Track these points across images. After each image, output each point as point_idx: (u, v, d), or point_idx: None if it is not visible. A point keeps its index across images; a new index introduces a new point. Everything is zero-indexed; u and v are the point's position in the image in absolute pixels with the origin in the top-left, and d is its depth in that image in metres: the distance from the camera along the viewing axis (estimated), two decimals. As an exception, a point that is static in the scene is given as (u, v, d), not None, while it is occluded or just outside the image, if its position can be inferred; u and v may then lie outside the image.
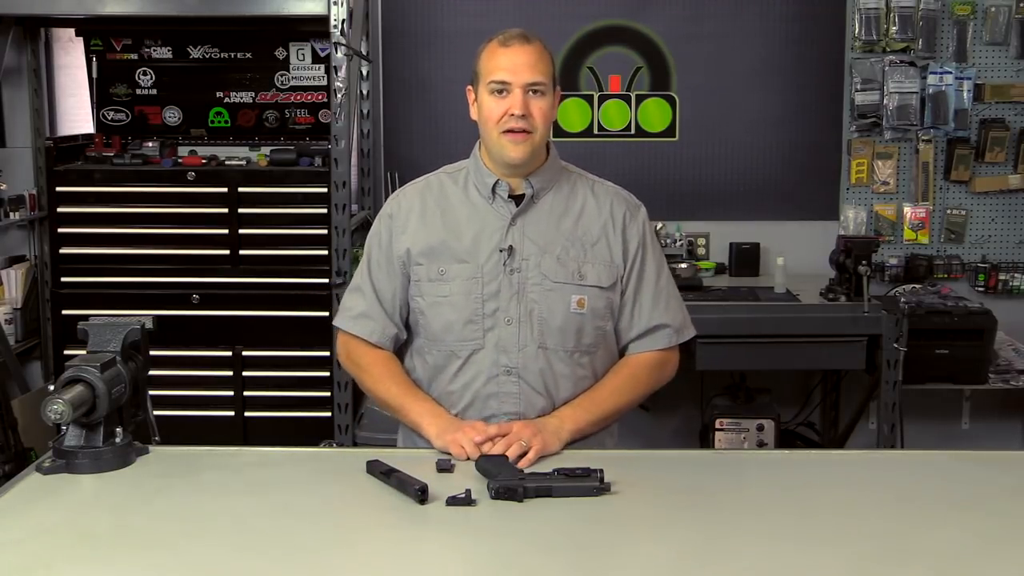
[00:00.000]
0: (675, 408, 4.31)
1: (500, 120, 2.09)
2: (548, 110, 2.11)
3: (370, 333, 2.22)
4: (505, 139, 2.09)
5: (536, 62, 2.08)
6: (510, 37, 2.10)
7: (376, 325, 2.22)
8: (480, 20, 4.18)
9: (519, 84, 2.07)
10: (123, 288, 3.82)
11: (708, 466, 2.07)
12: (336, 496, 1.86)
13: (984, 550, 1.62)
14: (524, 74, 2.07)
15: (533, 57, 2.08)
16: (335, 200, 3.68)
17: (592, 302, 2.15)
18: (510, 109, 2.07)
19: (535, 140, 2.11)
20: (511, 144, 2.09)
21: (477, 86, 2.14)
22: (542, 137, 2.13)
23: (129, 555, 1.60)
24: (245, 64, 4.18)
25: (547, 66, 2.11)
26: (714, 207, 4.35)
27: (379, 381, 2.20)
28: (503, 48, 2.09)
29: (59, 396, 1.82)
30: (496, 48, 2.10)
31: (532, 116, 2.08)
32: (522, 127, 2.08)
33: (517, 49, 2.08)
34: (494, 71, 2.08)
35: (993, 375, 3.92)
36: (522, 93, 2.07)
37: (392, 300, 2.22)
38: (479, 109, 2.14)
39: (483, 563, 1.62)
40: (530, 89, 2.08)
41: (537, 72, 2.08)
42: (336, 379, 3.70)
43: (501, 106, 2.08)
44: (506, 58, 2.08)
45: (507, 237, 2.15)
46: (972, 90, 4.23)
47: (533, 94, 2.08)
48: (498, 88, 2.08)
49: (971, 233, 4.35)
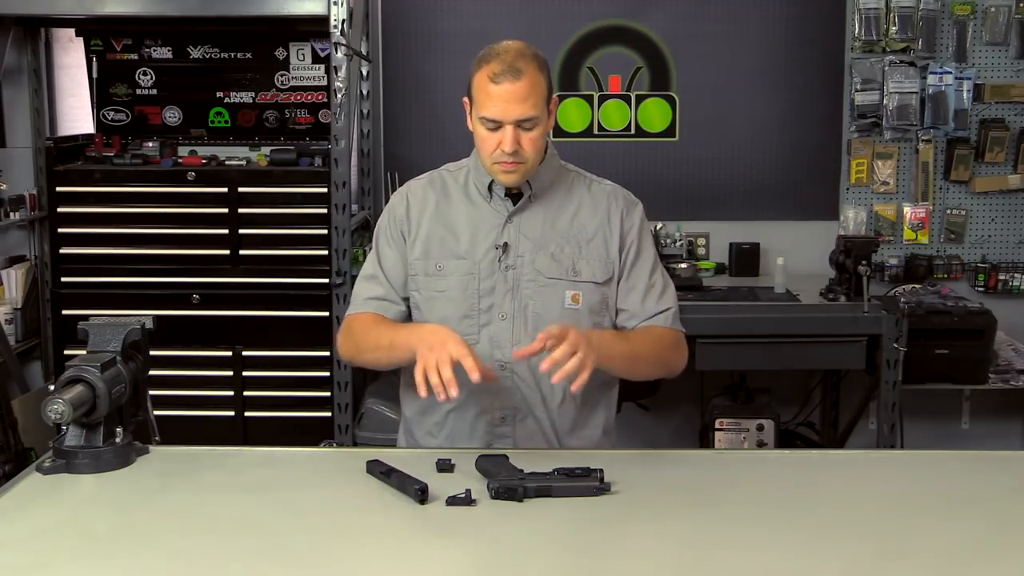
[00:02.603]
0: (675, 408, 4.30)
1: (492, 152, 2.09)
2: (539, 138, 2.10)
3: (384, 311, 2.21)
4: (496, 168, 2.11)
5: (527, 96, 2.05)
6: (500, 72, 2.04)
7: (391, 305, 2.21)
8: (480, 20, 4.16)
9: (509, 121, 2.06)
10: (123, 288, 3.82)
11: (708, 466, 2.08)
12: (336, 496, 1.86)
13: (984, 550, 1.62)
14: (514, 112, 2.05)
15: (523, 92, 2.05)
16: (335, 200, 3.68)
17: (587, 297, 2.16)
18: (501, 145, 2.07)
19: (527, 168, 2.12)
20: (503, 173, 2.11)
21: (471, 105, 2.13)
22: (534, 163, 2.13)
23: (129, 555, 1.60)
24: (245, 64, 4.18)
25: (539, 97, 2.07)
26: (714, 207, 4.35)
27: (368, 329, 2.18)
28: (493, 85, 2.05)
29: (59, 396, 1.82)
30: (486, 83, 2.06)
31: (523, 149, 2.08)
32: (513, 160, 2.09)
33: (507, 87, 2.04)
34: (484, 107, 2.07)
35: (993, 375, 3.92)
36: (513, 129, 2.06)
37: (403, 286, 2.22)
38: (474, 130, 2.14)
39: (483, 563, 1.62)
40: (520, 124, 2.07)
41: (527, 107, 2.05)
42: (336, 379, 3.70)
43: (493, 140, 2.08)
44: (497, 95, 2.05)
45: (503, 234, 2.16)
46: (972, 90, 4.23)
47: (524, 128, 2.07)
48: (489, 125, 2.08)
49: (971, 233, 4.35)
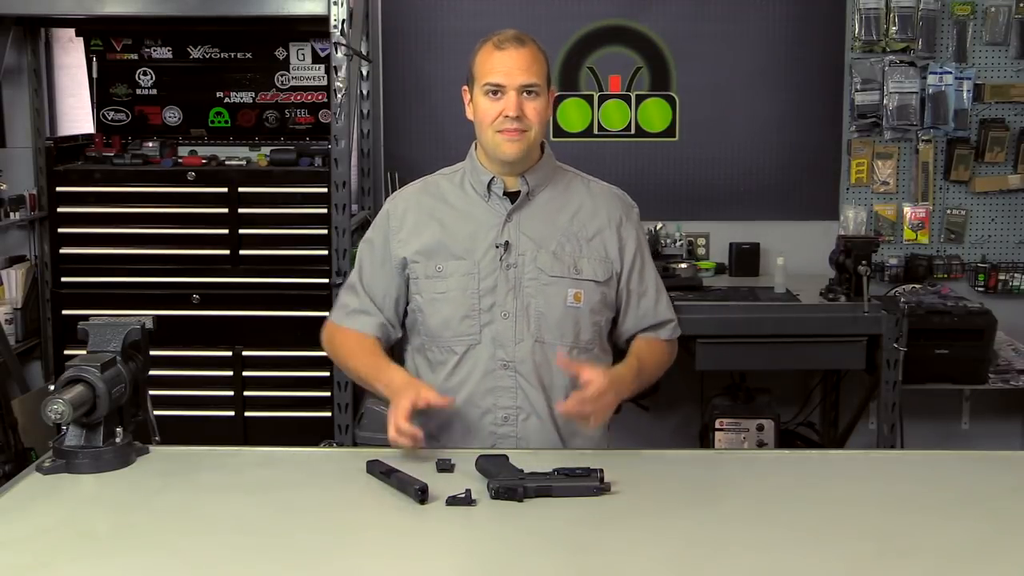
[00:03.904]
0: (675, 408, 4.30)
1: (495, 121, 2.11)
2: (542, 110, 2.13)
3: (361, 327, 2.24)
4: (500, 137, 2.12)
5: (530, 64, 2.10)
6: (504, 39, 2.11)
7: (368, 320, 2.24)
8: (480, 20, 4.17)
9: (513, 86, 2.09)
10: (123, 288, 3.82)
11: (708, 466, 2.08)
12: (336, 496, 1.86)
13: (984, 550, 1.63)
14: (518, 76, 2.09)
15: (527, 59, 2.10)
16: (335, 200, 3.68)
17: (588, 296, 2.17)
18: (504, 111, 2.10)
19: (530, 137, 2.13)
20: (506, 142, 2.12)
21: (472, 87, 2.17)
22: (537, 135, 2.15)
23: (129, 555, 1.60)
24: (245, 64, 4.18)
25: (541, 67, 2.13)
26: (714, 207, 4.35)
27: (352, 355, 2.23)
28: (497, 51, 2.10)
29: (59, 396, 1.83)
30: (491, 50, 2.12)
31: (526, 116, 2.11)
32: (516, 127, 2.10)
33: (511, 52, 2.09)
34: (488, 73, 2.11)
35: (993, 375, 3.92)
36: (516, 95, 2.09)
37: (384, 298, 2.24)
38: (475, 109, 2.16)
39: (483, 563, 1.62)
40: (524, 91, 2.10)
41: (531, 74, 2.10)
42: (336, 379, 3.69)
43: (496, 107, 2.11)
44: (500, 61, 2.10)
45: (503, 233, 2.17)
46: (972, 90, 4.23)
47: (527, 95, 2.10)
48: (492, 90, 2.11)
49: (971, 233, 4.35)
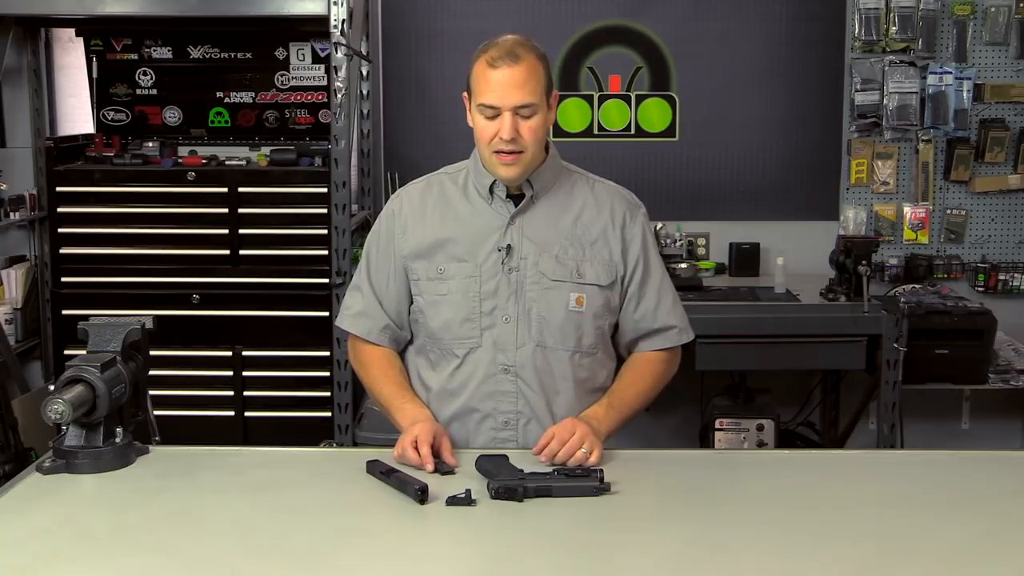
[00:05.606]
0: (675, 408, 4.30)
1: (491, 141, 2.07)
2: (539, 128, 2.08)
3: (368, 331, 2.23)
4: (496, 159, 2.09)
5: (525, 82, 2.04)
6: (498, 57, 2.04)
7: (373, 323, 2.23)
8: (480, 20, 4.18)
9: (507, 108, 2.04)
10: (123, 288, 3.82)
11: (708, 466, 2.08)
12: (336, 496, 1.86)
13: (984, 550, 1.63)
14: (512, 97, 2.03)
15: (521, 77, 2.04)
16: (335, 200, 3.68)
17: (591, 300, 2.15)
18: (499, 133, 2.05)
19: (526, 159, 2.09)
20: (502, 166, 2.09)
21: (470, 98, 2.12)
22: (534, 155, 2.11)
23: (129, 555, 1.60)
24: (245, 64, 4.18)
25: (537, 82, 2.06)
26: (714, 207, 4.35)
27: (376, 381, 2.23)
28: (491, 69, 2.04)
29: (59, 396, 1.83)
30: (484, 68, 2.05)
31: (522, 137, 2.06)
32: (511, 149, 2.06)
33: (505, 71, 2.03)
34: (482, 94, 2.06)
35: (993, 375, 3.92)
36: (511, 116, 2.04)
37: (390, 298, 2.22)
38: (473, 123, 2.12)
39: (483, 563, 1.62)
40: (519, 111, 2.05)
41: (526, 92, 2.04)
42: (336, 379, 3.69)
43: (491, 128, 2.06)
44: (495, 80, 2.04)
45: (505, 236, 2.15)
46: (972, 90, 4.23)
47: (522, 115, 2.06)
48: (487, 111, 2.06)
49: (971, 233, 4.35)
